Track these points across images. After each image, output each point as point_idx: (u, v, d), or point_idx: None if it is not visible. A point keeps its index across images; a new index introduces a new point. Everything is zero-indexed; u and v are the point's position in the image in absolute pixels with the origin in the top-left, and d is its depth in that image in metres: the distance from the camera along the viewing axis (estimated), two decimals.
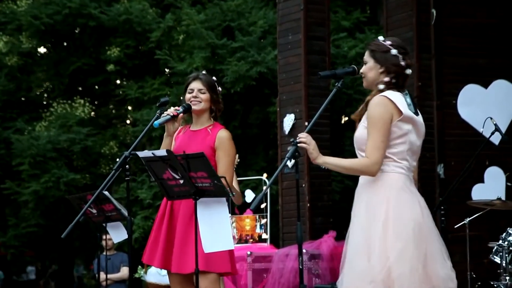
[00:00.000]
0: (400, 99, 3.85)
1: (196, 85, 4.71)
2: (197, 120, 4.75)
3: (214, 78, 4.81)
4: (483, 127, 6.30)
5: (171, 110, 4.67)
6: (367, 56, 3.96)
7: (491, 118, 6.23)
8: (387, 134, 3.79)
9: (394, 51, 3.89)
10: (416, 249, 3.72)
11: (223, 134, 4.66)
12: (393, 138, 3.82)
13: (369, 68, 3.93)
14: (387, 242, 3.71)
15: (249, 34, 14.76)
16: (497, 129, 6.22)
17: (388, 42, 3.92)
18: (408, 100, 3.89)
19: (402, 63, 3.90)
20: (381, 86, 3.88)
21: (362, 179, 3.91)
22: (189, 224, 4.53)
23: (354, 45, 14.45)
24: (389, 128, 3.79)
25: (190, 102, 4.70)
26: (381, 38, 3.98)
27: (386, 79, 3.88)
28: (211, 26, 14.92)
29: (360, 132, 3.89)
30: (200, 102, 4.70)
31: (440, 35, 8.03)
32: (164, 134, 4.78)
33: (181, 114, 4.68)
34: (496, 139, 6.62)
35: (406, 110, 3.84)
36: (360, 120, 3.94)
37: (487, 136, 6.31)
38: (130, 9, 16.17)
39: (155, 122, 4.63)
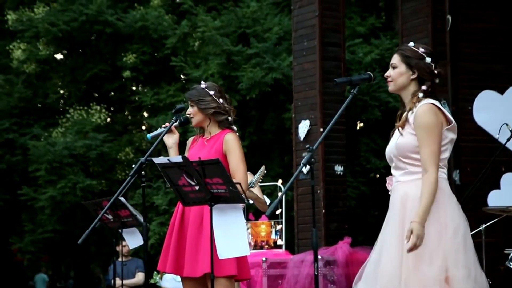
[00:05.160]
0: (445, 108, 3.89)
1: (189, 101, 4.81)
2: (206, 130, 4.79)
3: (204, 86, 4.77)
4: (499, 133, 6.28)
5: (166, 124, 4.81)
6: (397, 61, 3.93)
7: (507, 124, 6.21)
8: (440, 140, 3.81)
9: (428, 59, 3.90)
10: (468, 254, 3.80)
11: (229, 137, 4.68)
12: (441, 145, 3.84)
13: (400, 73, 3.92)
14: (442, 242, 3.74)
15: (264, 40, 14.78)
16: None
17: (421, 50, 3.92)
18: (446, 108, 3.93)
19: (435, 71, 3.92)
20: (420, 95, 3.88)
21: (405, 185, 3.86)
22: (199, 229, 4.57)
23: (369, 51, 14.44)
24: (441, 134, 3.82)
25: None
26: (412, 44, 3.97)
27: (424, 87, 3.88)
28: (226, 33, 14.96)
29: (408, 139, 3.85)
30: (192, 117, 4.77)
31: (456, 41, 8.02)
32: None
33: (173, 126, 4.78)
34: None
35: (453, 120, 3.89)
36: (402, 127, 3.90)
37: (503, 142, 6.29)
38: (146, 16, 16.24)
39: (148, 135, 4.84)
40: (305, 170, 7.65)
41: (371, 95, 13.91)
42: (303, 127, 8.54)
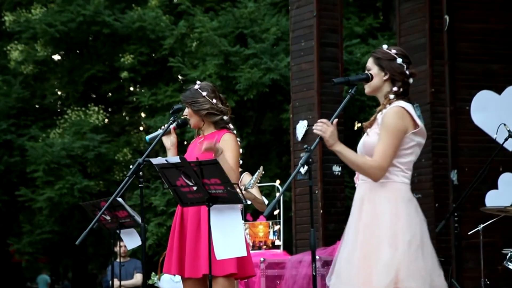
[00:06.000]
0: (413, 112, 3.90)
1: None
2: (202, 130, 4.81)
3: (197, 86, 4.79)
4: (496, 133, 6.28)
5: (165, 126, 4.81)
6: (370, 63, 4.00)
7: (504, 124, 6.21)
8: (399, 145, 3.83)
9: (399, 60, 3.95)
10: (424, 261, 3.75)
11: (227, 137, 4.68)
12: (404, 148, 3.85)
13: (373, 75, 3.97)
14: (397, 254, 3.72)
15: (262, 41, 14.78)
16: (510, 135, 6.20)
17: (393, 51, 3.98)
18: (418, 112, 3.95)
19: (407, 72, 3.96)
20: (391, 96, 3.93)
21: (366, 185, 3.91)
22: (197, 230, 4.57)
23: (367, 51, 14.44)
24: (402, 139, 3.83)
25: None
26: (385, 46, 4.03)
27: (395, 88, 3.92)
28: (224, 33, 14.96)
29: (372, 138, 3.90)
30: (189, 118, 4.79)
31: (453, 41, 8.02)
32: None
33: (172, 128, 4.78)
34: (510, 145, 6.60)
35: (421, 124, 3.90)
36: (370, 127, 3.97)
37: (501, 142, 6.29)
38: (143, 16, 16.24)
39: (146, 137, 4.85)
40: (303, 170, 7.66)
41: (369, 95, 13.89)
42: (301, 127, 8.54)
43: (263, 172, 6.08)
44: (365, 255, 3.76)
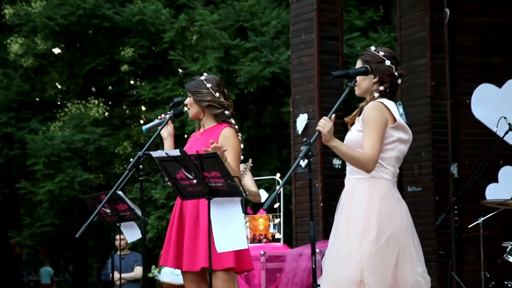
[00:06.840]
0: (394, 108, 3.94)
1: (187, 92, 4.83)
2: (201, 123, 4.81)
3: (203, 78, 4.79)
4: (497, 127, 6.27)
5: (162, 116, 4.82)
6: (360, 66, 4.02)
7: (505, 118, 6.20)
8: (383, 137, 3.87)
9: (388, 62, 3.99)
10: (386, 257, 3.79)
11: (226, 132, 4.68)
12: (384, 144, 3.89)
13: (362, 78, 4.01)
14: (361, 249, 3.80)
15: (262, 34, 14.77)
16: (511, 128, 6.20)
17: (381, 53, 4.01)
18: (401, 110, 4.00)
19: (396, 73, 3.99)
20: (376, 94, 3.98)
21: (349, 182, 3.97)
22: (195, 223, 4.58)
23: (367, 44, 14.41)
24: (384, 131, 3.87)
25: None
26: (373, 48, 4.07)
27: (381, 88, 3.96)
28: (224, 27, 14.94)
29: (354, 135, 3.97)
30: (189, 107, 4.79)
31: (454, 34, 8.01)
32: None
33: (169, 119, 4.78)
34: (510, 138, 6.59)
35: (399, 118, 3.94)
36: (352, 124, 4.03)
37: (501, 135, 6.28)
38: (143, 9, 16.22)
39: (143, 127, 4.86)
40: (303, 163, 7.66)
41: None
42: (301, 120, 8.54)
43: (252, 165, 6.08)
44: (338, 252, 3.87)
